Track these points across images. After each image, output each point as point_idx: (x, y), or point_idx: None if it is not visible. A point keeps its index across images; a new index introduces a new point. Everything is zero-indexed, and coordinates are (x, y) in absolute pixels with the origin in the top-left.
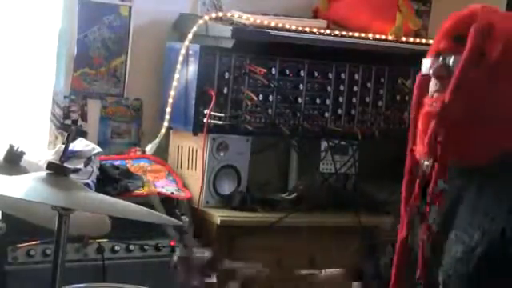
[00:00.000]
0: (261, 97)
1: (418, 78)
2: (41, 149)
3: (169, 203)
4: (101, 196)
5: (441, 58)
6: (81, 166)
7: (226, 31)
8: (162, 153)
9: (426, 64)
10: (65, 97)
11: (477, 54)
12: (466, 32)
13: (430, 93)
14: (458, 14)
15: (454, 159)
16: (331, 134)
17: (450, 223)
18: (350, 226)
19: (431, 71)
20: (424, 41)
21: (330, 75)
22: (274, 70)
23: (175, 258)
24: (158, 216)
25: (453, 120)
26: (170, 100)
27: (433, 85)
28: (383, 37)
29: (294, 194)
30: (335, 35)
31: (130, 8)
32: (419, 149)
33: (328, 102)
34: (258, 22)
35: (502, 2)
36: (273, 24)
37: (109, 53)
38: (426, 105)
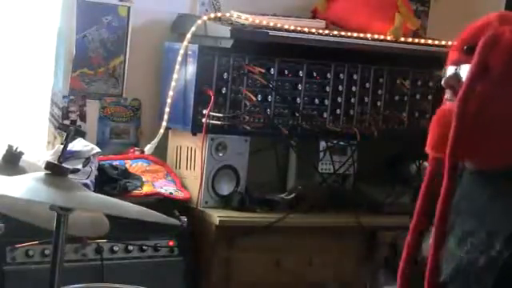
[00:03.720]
0: (259, 97)
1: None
2: (39, 149)
3: (167, 203)
4: (99, 196)
5: (454, 69)
6: (79, 166)
7: (225, 31)
8: (160, 153)
9: (444, 73)
10: (63, 97)
11: (481, 68)
12: (476, 43)
13: (444, 100)
14: (473, 24)
15: (465, 160)
16: (330, 134)
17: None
18: (349, 226)
19: (443, 81)
20: (423, 41)
21: (329, 75)
22: (272, 70)
23: None
24: (157, 216)
25: (465, 126)
26: (169, 100)
27: (446, 93)
28: (382, 37)
29: (293, 195)
30: (334, 35)
31: (129, 8)
32: (428, 142)
33: (327, 102)
34: (257, 22)
35: (502, 2)
36: (271, 24)
37: (107, 53)
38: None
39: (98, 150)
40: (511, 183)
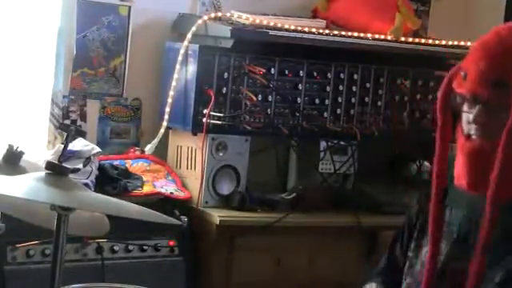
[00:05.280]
0: (260, 97)
1: (440, 101)
2: (40, 149)
3: (168, 203)
4: (100, 196)
5: (481, 105)
6: (80, 165)
7: (225, 31)
8: (161, 153)
9: (460, 99)
10: (64, 97)
11: None
12: (505, 76)
13: (468, 132)
14: (490, 50)
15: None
16: (330, 134)
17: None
18: (349, 226)
19: (472, 118)
20: (423, 41)
21: (329, 75)
22: (273, 70)
23: None
24: (158, 216)
25: (505, 160)
26: (169, 100)
27: (472, 128)
28: (382, 37)
29: (293, 194)
30: (334, 35)
31: (130, 8)
32: (466, 182)
33: (327, 102)
34: (257, 21)
35: (502, 2)
36: (272, 24)
37: (108, 53)
38: (467, 140)
39: (98, 149)
40: None
